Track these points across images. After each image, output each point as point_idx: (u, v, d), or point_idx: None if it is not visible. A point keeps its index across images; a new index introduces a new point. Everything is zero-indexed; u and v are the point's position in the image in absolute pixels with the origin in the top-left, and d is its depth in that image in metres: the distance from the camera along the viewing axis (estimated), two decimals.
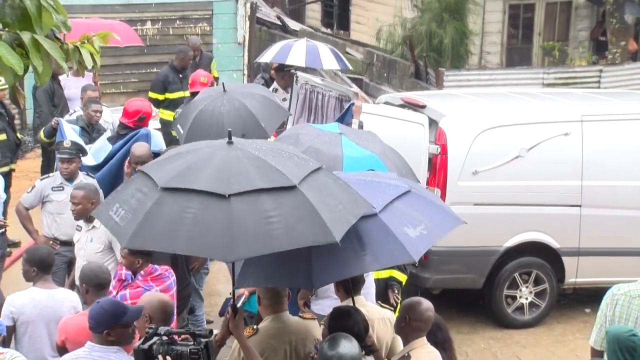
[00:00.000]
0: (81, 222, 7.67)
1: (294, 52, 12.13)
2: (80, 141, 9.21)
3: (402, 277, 7.78)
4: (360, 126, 8.98)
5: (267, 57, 12.43)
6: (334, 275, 5.14)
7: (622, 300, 6.21)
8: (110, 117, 11.02)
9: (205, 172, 4.72)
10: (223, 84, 9.33)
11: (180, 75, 12.75)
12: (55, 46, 4.55)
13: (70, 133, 9.48)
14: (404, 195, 5.28)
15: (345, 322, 5.26)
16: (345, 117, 9.33)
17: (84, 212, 7.56)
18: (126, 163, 8.58)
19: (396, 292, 7.65)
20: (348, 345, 4.83)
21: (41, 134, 10.51)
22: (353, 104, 9.54)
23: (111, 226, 4.80)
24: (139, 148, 8.44)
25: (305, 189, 4.71)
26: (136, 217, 4.62)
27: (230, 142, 4.96)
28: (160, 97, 12.68)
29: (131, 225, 4.61)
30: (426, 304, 5.48)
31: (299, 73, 11.58)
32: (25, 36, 4.42)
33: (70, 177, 8.52)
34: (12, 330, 6.24)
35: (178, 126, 9.02)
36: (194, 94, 11.01)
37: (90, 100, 10.61)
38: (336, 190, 4.93)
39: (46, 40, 4.50)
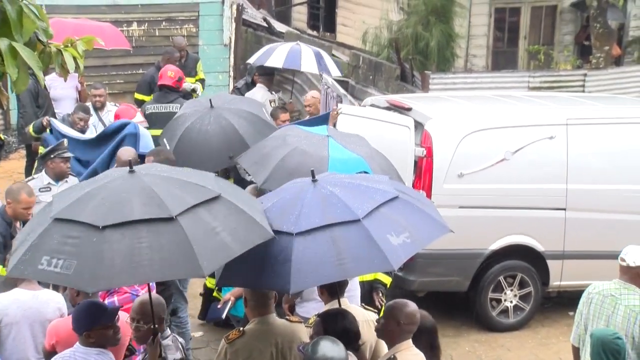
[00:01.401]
0: None
1: (305, 59, 12.23)
2: (76, 133, 9.54)
3: (387, 280, 7.78)
4: None
5: (275, 62, 12.29)
6: (311, 280, 5.10)
7: (596, 298, 6.36)
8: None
9: (135, 201, 4.76)
10: (210, 100, 9.14)
11: None
12: (33, 54, 4.49)
13: (64, 129, 9.64)
14: (391, 201, 5.23)
15: (342, 323, 5.27)
16: (320, 122, 9.18)
17: None
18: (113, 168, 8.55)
19: (381, 294, 7.65)
20: (336, 349, 4.80)
21: (30, 128, 10.54)
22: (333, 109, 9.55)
23: (54, 278, 4.68)
24: (125, 153, 8.40)
25: (224, 196, 5.00)
26: (85, 262, 4.51)
27: (131, 171, 5.03)
28: (147, 98, 12.65)
29: (83, 270, 4.50)
30: (413, 306, 5.48)
31: (324, 75, 11.63)
32: (3, 43, 4.36)
33: (61, 177, 8.50)
34: None
35: (164, 140, 8.92)
36: (161, 87, 11.11)
37: (79, 107, 10.68)
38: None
39: (24, 48, 4.42)
